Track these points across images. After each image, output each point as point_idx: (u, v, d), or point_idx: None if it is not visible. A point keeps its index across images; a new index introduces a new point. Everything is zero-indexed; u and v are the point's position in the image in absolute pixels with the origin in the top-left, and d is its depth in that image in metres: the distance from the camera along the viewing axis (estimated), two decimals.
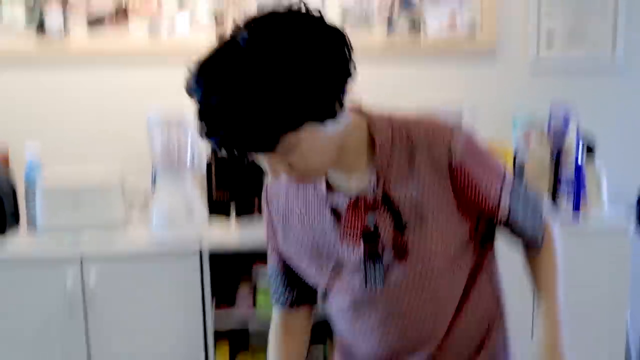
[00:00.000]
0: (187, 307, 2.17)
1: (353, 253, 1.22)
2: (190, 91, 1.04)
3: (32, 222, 2.28)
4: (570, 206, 2.38)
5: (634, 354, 2.63)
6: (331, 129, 1.09)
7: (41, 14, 2.47)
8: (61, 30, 2.49)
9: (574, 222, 2.37)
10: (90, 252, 2.12)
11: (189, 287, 2.17)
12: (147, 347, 2.18)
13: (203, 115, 1.02)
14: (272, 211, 1.34)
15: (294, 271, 1.36)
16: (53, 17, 2.48)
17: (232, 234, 2.27)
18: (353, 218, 1.20)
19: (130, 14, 2.50)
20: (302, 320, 1.44)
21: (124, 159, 2.47)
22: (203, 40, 2.40)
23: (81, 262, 2.11)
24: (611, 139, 2.64)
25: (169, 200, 2.18)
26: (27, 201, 2.30)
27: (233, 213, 2.36)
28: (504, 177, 1.23)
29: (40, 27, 2.48)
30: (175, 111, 2.15)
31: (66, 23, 2.48)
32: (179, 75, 1.07)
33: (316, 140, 1.08)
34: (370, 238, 1.21)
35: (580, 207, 2.38)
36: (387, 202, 1.19)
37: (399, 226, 1.19)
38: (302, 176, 1.13)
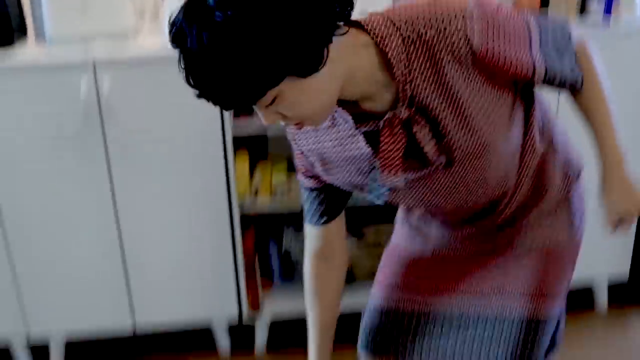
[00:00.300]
0: (205, 113, 2.13)
1: (397, 177, 1.16)
2: (171, 44, 1.00)
3: (40, 33, 2.20)
4: (602, 9, 2.27)
5: None
6: (320, 74, 1.00)
7: None
8: None
9: (604, 25, 2.26)
10: (103, 59, 2.06)
11: None
12: (165, 154, 2.18)
13: (184, 66, 0.98)
14: (301, 145, 1.27)
15: (336, 189, 1.33)
16: None
17: None
18: (390, 141, 1.13)
19: None
20: (339, 227, 1.42)
21: None
22: None
23: (94, 69, 2.05)
24: None
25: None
26: (33, 10, 2.21)
27: None
28: (529, 37, 1.14)
29: None
30: None
31: None
32: None
33: (302, 90, 1.00)
34: (413, 155, 1.15)
35: (612, 10, 2.27)
36: (423, 112, 1.11)
37: (439, 134, 1.12)
38: (299, 123, 1.07)
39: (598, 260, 2.51)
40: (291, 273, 2.52)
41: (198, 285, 2.34)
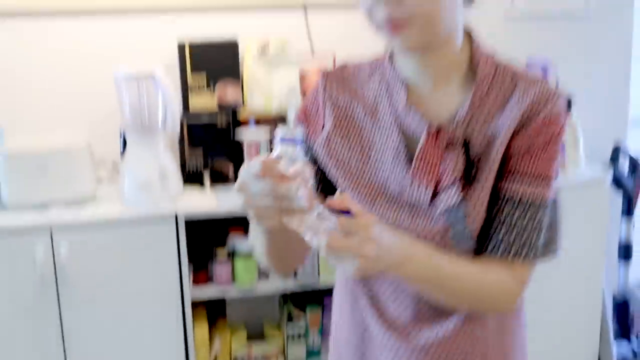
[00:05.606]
0: (163, 276, 2.09)
1: (418, 191, 1.05)
2: None
3: None
4: None
5: (609, 303, 2.64)
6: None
7: None
8: None
9: None
10: (60, 222, 2.02)
11: (165, 255, 2.09)
12: (123, 319, 2.10)
13: None
14: (328, 95, 1.13)
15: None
16: None
17: (207, 199, 2.19)
18: (430, 151, 1.04)
19: None
20: None
21: (90, 122, 2.36)
22: None
23: (51, 233, 2.01)
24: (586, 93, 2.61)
25: (139, 165, 2.09)
26: None
27: (207, 182, 2.28)
28: (549, 178, 1.04)
29: None
30: (145, 67, 2.06)
31: None
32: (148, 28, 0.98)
33: None
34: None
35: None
36: (465, 147, 1.05)
37: (468, 176, 1.04)
38: (404, 20, 0.97)
39: None
40: None
41: None
